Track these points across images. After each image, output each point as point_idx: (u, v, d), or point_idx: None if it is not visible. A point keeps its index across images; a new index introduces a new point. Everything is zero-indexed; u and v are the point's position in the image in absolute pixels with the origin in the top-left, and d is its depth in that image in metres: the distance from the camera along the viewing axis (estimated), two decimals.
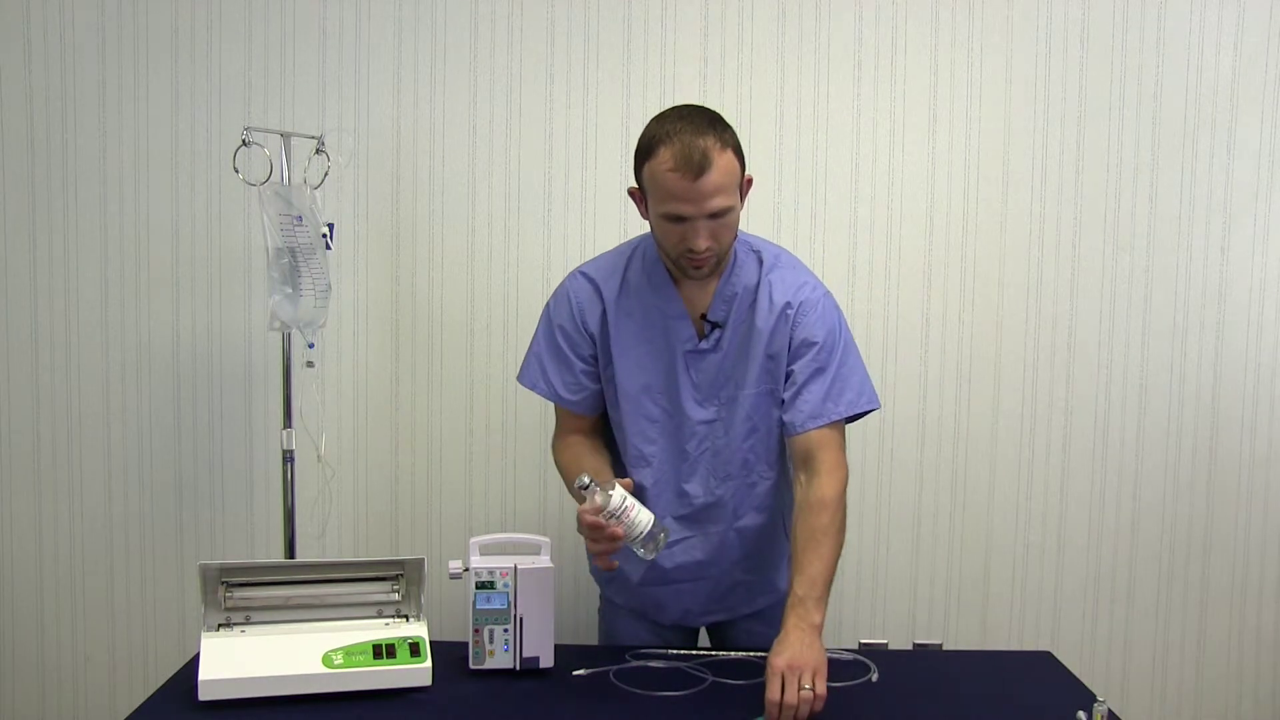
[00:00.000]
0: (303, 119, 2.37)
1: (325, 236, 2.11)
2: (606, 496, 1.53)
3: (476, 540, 1.71)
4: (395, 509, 2.47)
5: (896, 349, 2.43)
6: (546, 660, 1.68)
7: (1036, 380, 2.44)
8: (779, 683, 1.46)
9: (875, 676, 1.66)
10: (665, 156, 1.55)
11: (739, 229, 1.71)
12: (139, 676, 2.48)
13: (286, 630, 1.62)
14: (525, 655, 1.66)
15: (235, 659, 1.56)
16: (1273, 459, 2.47)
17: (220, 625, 1.62)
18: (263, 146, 2.10)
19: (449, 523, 2.47)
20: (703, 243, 1.60)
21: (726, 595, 1.85)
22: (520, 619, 1.66)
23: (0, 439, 2.45)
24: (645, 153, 1.59)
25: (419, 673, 1.60)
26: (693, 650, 1.80)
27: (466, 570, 1.68)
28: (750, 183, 1.65)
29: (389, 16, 2.37)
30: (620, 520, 1.53)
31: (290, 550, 2.22)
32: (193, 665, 1.63)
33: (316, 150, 2.19)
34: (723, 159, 1.55)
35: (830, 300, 1.74)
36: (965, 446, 2.45)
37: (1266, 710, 2.52)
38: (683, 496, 1.77)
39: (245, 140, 2.07)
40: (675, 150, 1.54)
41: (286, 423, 2.20)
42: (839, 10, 2.36)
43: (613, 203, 2.39)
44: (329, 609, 1.67)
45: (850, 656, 1.73)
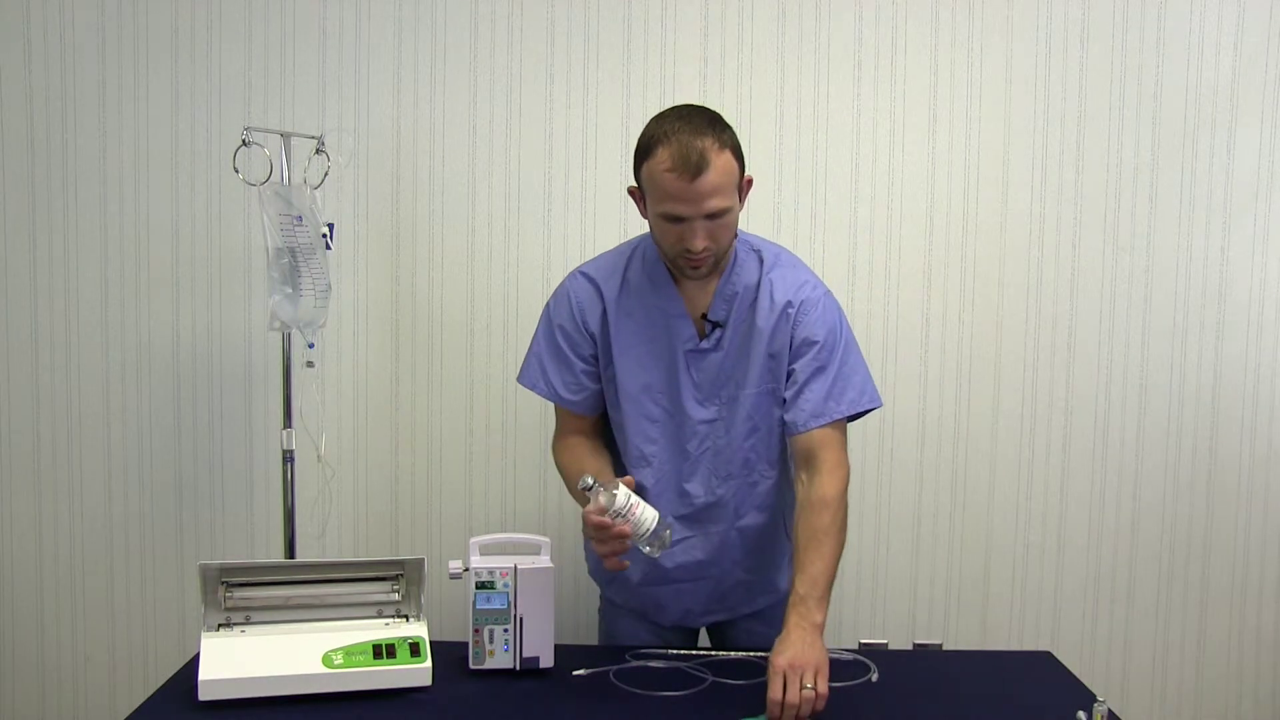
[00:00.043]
0: (303, 119, 2.37)
1: (325, 236, 2.11)
2: (611, 496, 1.52)
3: (476, 540, 1.71)
4: (395, 509, 2.47)
5: (896, 349, 2.43)
6: (546, 660, 1.68)
7: (1036, 380, 2.45)
8: (780, 682, 1.46)
9: (875, 676, 1.66)
10: (663, 157, 1.55)
11: (739, 228, 1.72)
12: (139, 676, 2.48)
13: (286, 630, 1.62)
14: (525, 655, 1.66)
15: (235, 659, 1.56)
16: (1273, 459, 2.47)
17: (220, 625, 1.63)
18: (263, 146, 2.10)
19: (449, 523, 2.47)
20: (700, 243, 1.60)
21: (727, 595, 1.85)
22: (520, 619, 1.66)
23: (0, 439, 2.45)
24: (644, 152, 1.60)
25: (419, 673, 1.60)
26: (693, 650, 1.80)
27: (466, 570, 1.68)
28: (750, 183, 1.65)
29: (389, 16, 2.37)
30: (626, 519, 1.52)
31: (290, 550, 2.22)
32: (193, 665, 1.63)
33: (316, 150, 2.19)
34: (720, 160, 1.55)
35: (831, 299, 1.74)
36: (965, 446, 2.45)
37: (1266, 710, 2.52)
38: (684, 496, 1.77)
39: (245, 140, 2.07)
40: (673, 150, 1.54)
41: (286, 423, 2.20)
42: (839, 10, 2.37)
43: (613, 203, 2.39)
44: (329, 609, 1.67)
45: (850, 656, 1.73)
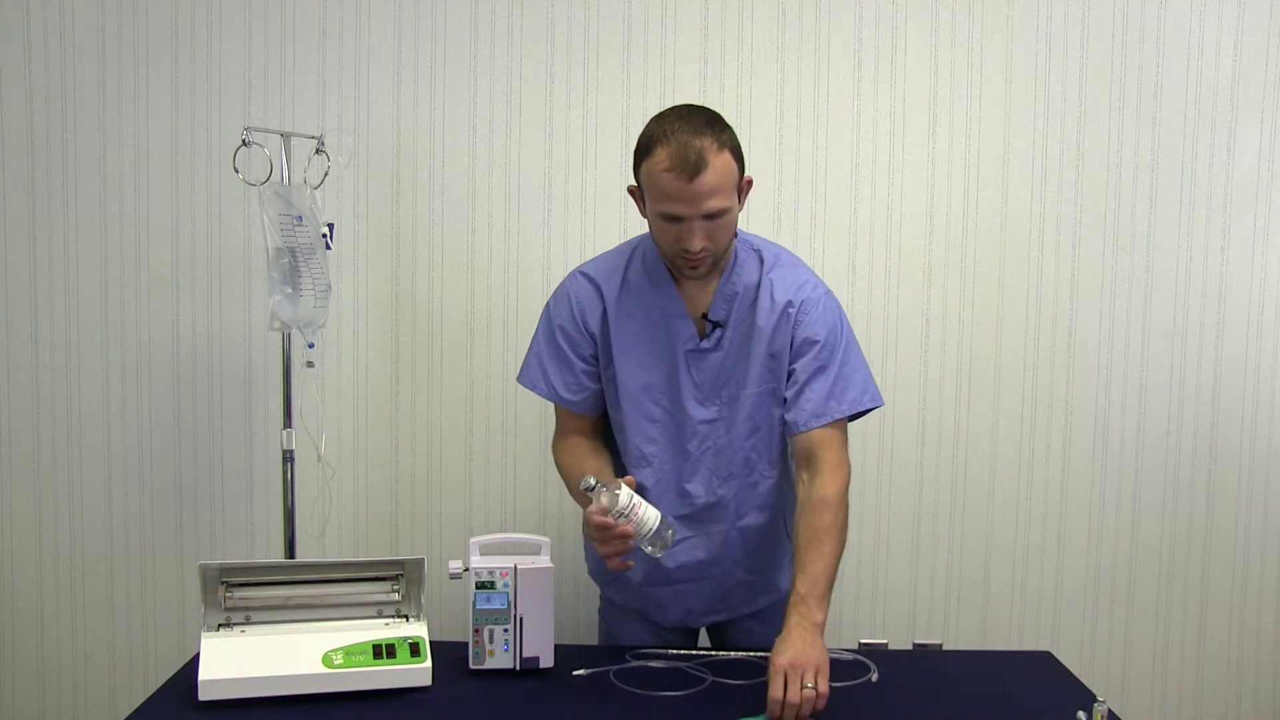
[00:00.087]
0: (303, 119, 2.37)
1: (325, 236, 2.11)
2: (614, 496, 1.52)
3: (476, 540, 1.71)
4: (395, 509, 2.47)
5: (896, 349, 2.43)
6: (546, 660, 1.68)
7: (1036, 380, 2.44)
8: (781, 681, 1.46)
9: (875, 676, 1.66)
10: (661, 156, 1.55)
11: (739, 228, 1.72)
12: (139, 676, 2.48)
13: (286, 630, 1.63)
14: (525, 655, 1.66)
15: (235, 659, 1.56)
16: (1273, 459, 2.47)
17: (220, 625, 1.63)
18: (263, 146, 2.10)
19: (449, 523, 2.46)
20: (698, 243, 1.59)
21: (728, 595, 1.84)
22: (520, 619, 1.66)
23: (0, 439, 2.45)
24: (643, 152, 1.60)
25: (419, 673, 1.60)
26: (693, 650, 1.80)
27: (466, 570, 1.68)
28: (750, 184, 1.65)
29: (389, 16, 2.37)
30: (629, 518, 1.52)
31: (290, 550, 2.22)
32: (193, 665, 1.63)
33: (316, 150, 2.19)
34: (719, 160, 1.55)
35: (831, 298, 1.74)
36: (965, 446, 2.45)
37: (1266, 710, 2.52)
38: (684, 496, 1.77)
39: (245, 140, 2.07)
40: (671, 150, 1.54)
41: (286, 423, 2.20)
42: (839, 10, 2.37)
43: (613, 203, 2.39)
44: (329, 609, 1.67)
45: (850, 656, 1.73)
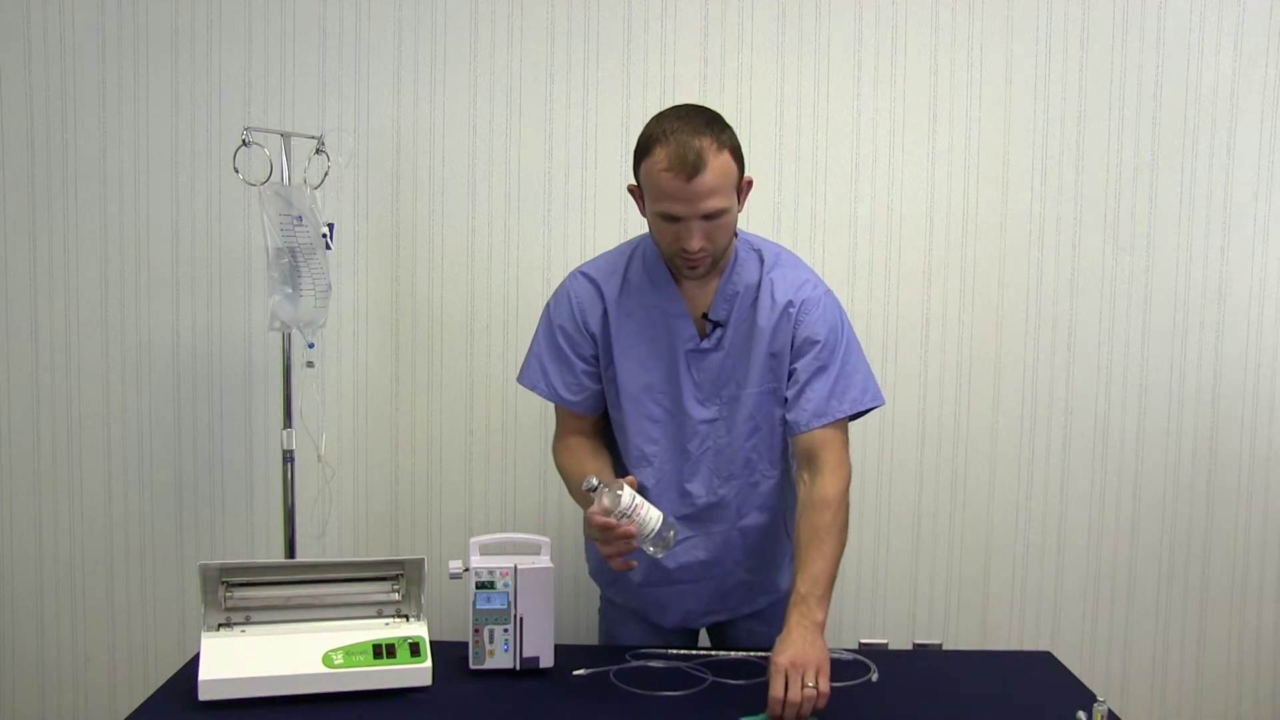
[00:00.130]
0: (303, 119, 2.37)
1: (325, 236, 2.11)
2: (615, 497, 1.52)
3: (476, 540, 1.71)
4: (395, 509, 2.47)
5: (896, 349, 2.43)
6: (546, 660, 1.68)
7: (1036, 380, 2.44)
8: (782, 680, 1.46)
9: (875, 676, 1.66)
10: (660, 156, 1.55)
11: (739, 228, 1.72)
12: (139, 676, 2.48)
13: (286, 630, 1.63)
14: (525, 655, 1.66)
15: (235, 659, 1.56)
16: (1273, 459, 2.47)
17: (220, 625, 1.63)
18: (263, 146, 2.10)
19: (449, 523, 2.46)
20: (696, 243, 1.59)
21: (729, 595, 1.84)
22: (520, 619, 1.66)
23: (0, 439, 2.45)
24: (643, 151, 1.60)
25: (419, 673, 1.60)
26: (693, 650, 1.80)
27: (466, 570, 1.67)
28: (750, 184, 1.65)
29: (389, 16, 2.37)
30: (631, 519, 1.52)
31: (290, 550, 2.22)
32: (193, 665, 1.63)
33: (316, 150, 2.19)
34: (718, 160, 1.55)
35: (832, 298, 1.74)
36: (965, 446, 2.45)
37: (1266, 710, 2.52)
38: (685, 496, 1.77)
39: (245, 140, 2.07)
40: (670, 150, 1.54)
41: (286, 423, 2.20)
42: (839, 10, 2.37)
43: (613, 203, 2.39)
44: (329, 609, 1.67)
45: (850, 656, 1.73)
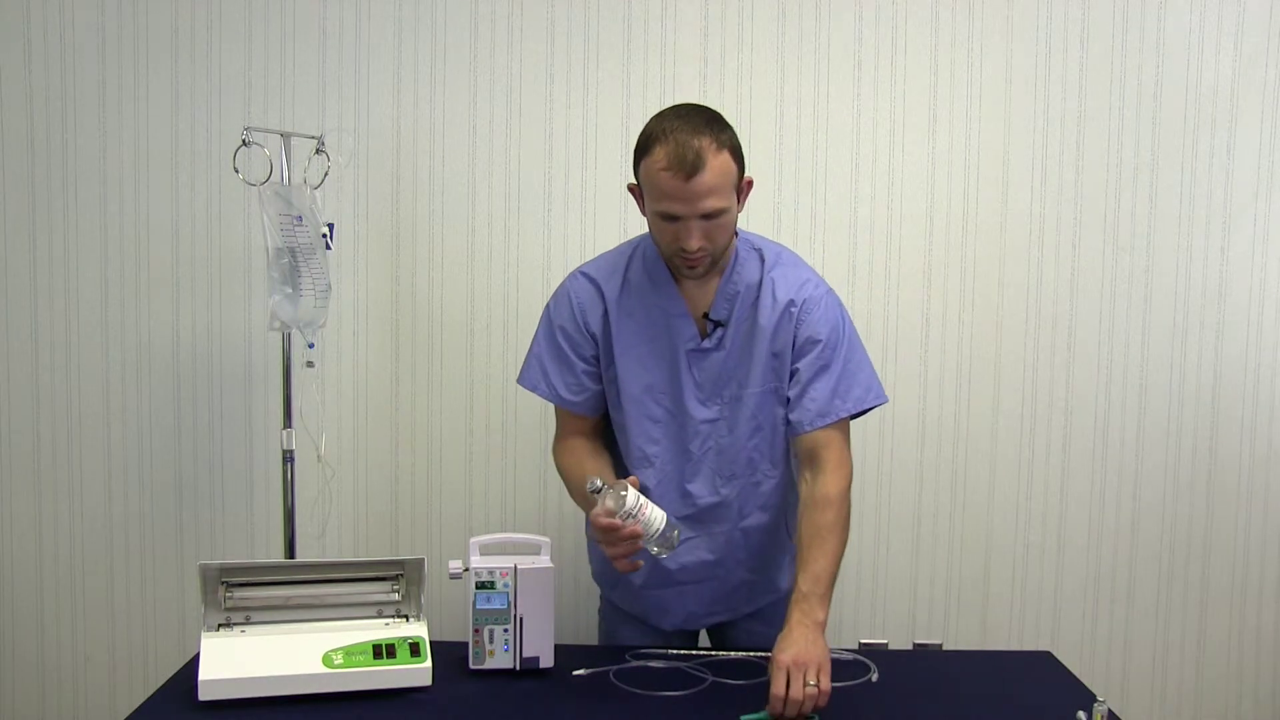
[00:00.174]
0: (303, 119, 2.37)
1: (325, 236, 2.11)
2: (620, 498, 1.51)
3: (476, 540, 1.71)
4: (395, 509, 2.47)
5: (896, 349, 2.43)
6: (546, 660, 1.68)
7: (1036, 380, 2.44)
8: (784, 678, 1.46)
9: (875, 676, 1.66)
10: (659, 155, 1.55)
11: (739, 228, 1.72)
12: (139, 676, 2.48)
13: (286, 630, 1.63)
14: (525, 655, 1.66)
15: (235, 659, 1.56)
16: (1273, 459, 2.47)
17: (220, 625, 1.63)
18: (263, 146, 2.10)
19: (449, 523, 2.46)
20: (695, 243, 1.59)
21: (730, 595, 1.84)
22: (520, 619, 1.66)
23: (0, 439, 2.45)
24: (642, 150, 1.60)
25: (419, 673, 1.60)
26: (693, 650, 1.80)
27: (466, 570, 1.67)
28: (750, 184, 1.65)
29: (389, 16, 2.37)
30: (636, 519, 1.52)
31: (290, 550, 2.22)
32: (193, 665, 1.63)
33: (316, 150, 2.19)
34: (717, 160, 1.55)
35: (833, 297, 1.74)
36: (965, 446, 2.45)
37: (1266, 710, 2.52)
38: (686, 497, 1.76)
39: (245, 140, 2.07)
40: (669, 149, 1.54)
41: (286, 423, 2.20)
42: (839, 10, 2.37)
43: (613, 203, 2.39)
44: (329, 609, 1.67)
45: (850, 656, 1.73)
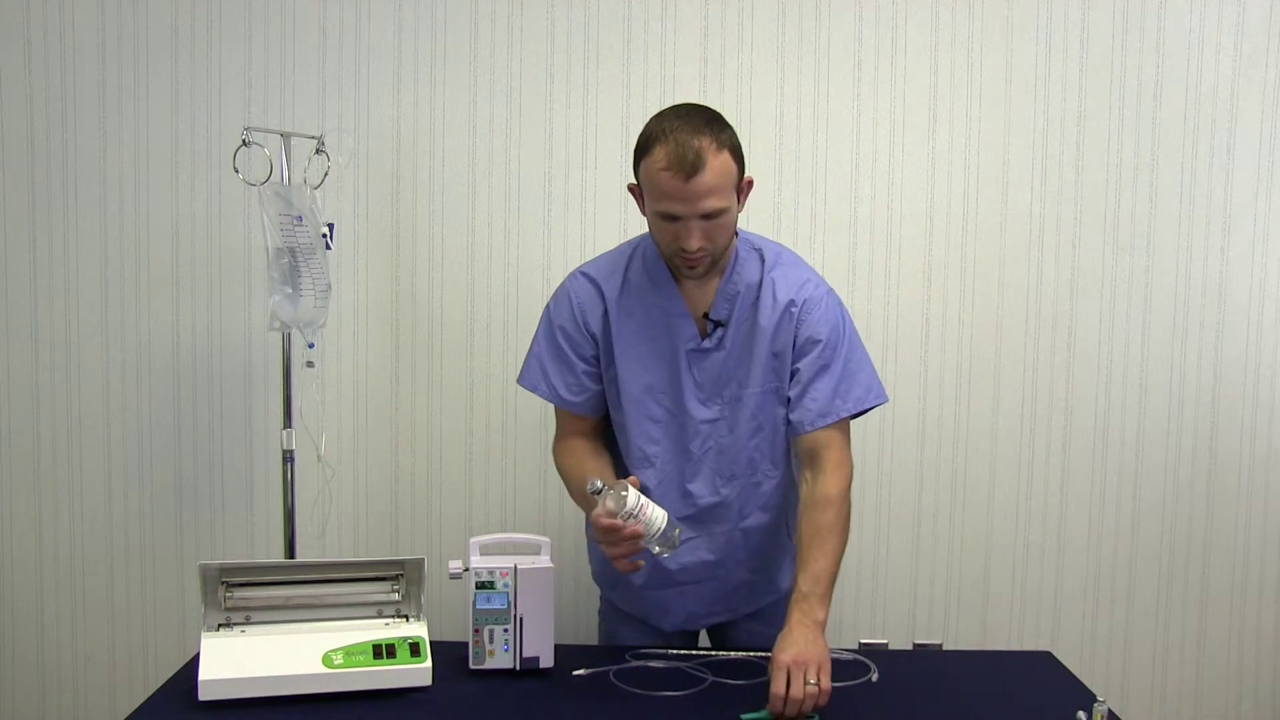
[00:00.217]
0: (303, 119, 2.37)
1: (325, 236, 2.11)
2: (620, 498, 1.51)
3: (476, 540, 1.71)
4: (395, 509, 2.47)
5: (896, 349, 2.43)
6: (546, 660, 1.68)
7: (1036, 380, 2.44)
8: (784, 677, 1.46)
9: (875, 676, 1.66)
10: (659, 155, 1.55)
11: (739, 228, 1.72)
12: (139, 676, 2.48)
13: (286, 630, 1.62)
14: (525, 655, 1.66)
15: (235, 659, 1.56)
16: (1273, 459, 2.47)
17: (220, 625, 1.62)
18: (263, 146, 2.10)
19: (449, 523, 2.46)
20: (694, 243, 1.59)
21: (731, 596, 1.84)
22: (520, 619, 1.66)
23: (0, 439, 2.45)
24: (642, 150, 1.60)
25: (419, 673, 1.60)
26: (693, 650, 1.80)
27: (466, 570, 1.67)
28: (750, 185, 1.65)
29: (389, 16, 2.37)
30: (638, 519, 1.51)
31: (290, 550, 2.22)
32: (193, 665, 1.63)
33: (316, 150, 2.19)
34: (717, 160, 1.55)
35: (833, 297, 1.74)
36: (965, 446, 2.45)
37: (1266, 710, 2.52)
38: (687, 497, 1.76)
39: (245, 140, 2.07)
40: (669, 149, 1.54)
41: (286, 423, 2.20)
42: (839, 10, 2.37)
43: (613, 203, 2.39)
44: (329, 609, 1.67)
45: (850, 656, 1.73)
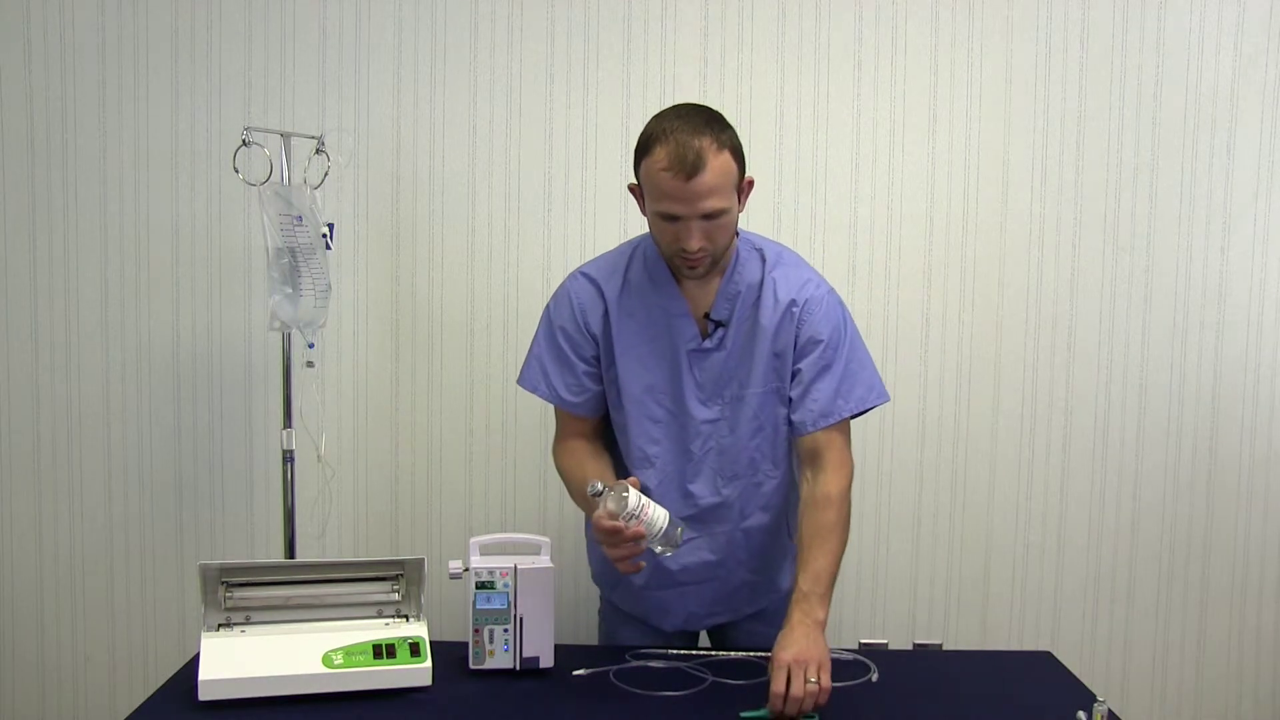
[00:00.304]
0: (303, 119, 2.37)
1: (325, 236, 2.11)
2: (621, 499, 1.51)
3: (476, 540, 1.71)
4: (395, 509, 2.47)
5: (896, 349, 2.43)
6: (546, 660, 1.68)
7: (1036, 380, 2.44)
8: (784, 675, 1.46)
9: (875, 676, 1.66)
10: (660, 155, 1.55)
11: (740, 228, 1.72)
12: (139, 676, 2.48)
13: (286, 630, 1.63)
14: (525, 655, 1.67)
15: (235, 659, 1.56)
16: (1273, 459, 2.47)
17: (220, 625, 1.63)
18: (263, 146, 2.10)
19: (449, 523, 2.46)
20: (695, 243, 1.59)
21: (732, 596, 1.84)
22: (520, 619, 1.66)
23: (0, 439, 2.45)
24: (643, 150, 1.60)
25: (419, 673, 1.60)
26: (693, 650, 1.80)
27: (466, 570, 1.68)
28: (751, 185, 1.65)
29: (389, 16, 2.37)
30: (639, 519, 1.52)
31: (290, 550, 2.22)
32: (193, 665, 1.63)
33: (316, 150, 2.19)
34: (718, 160, 1.55)
35: (834, 297, 1.74)
36: (965, 446, 2.45)
37: (1266, 710, 2.52)
38: (688, 497, 1.76)
39: (245, 140, 2.07)
40: (670, 149, 1.54)
41: (286, 423, 2.20)
42: (839, 10, 2.36)
43: (613, 203, 2.39)
44: (329, 609, 1.67)
45: (850, 656, 1.73)
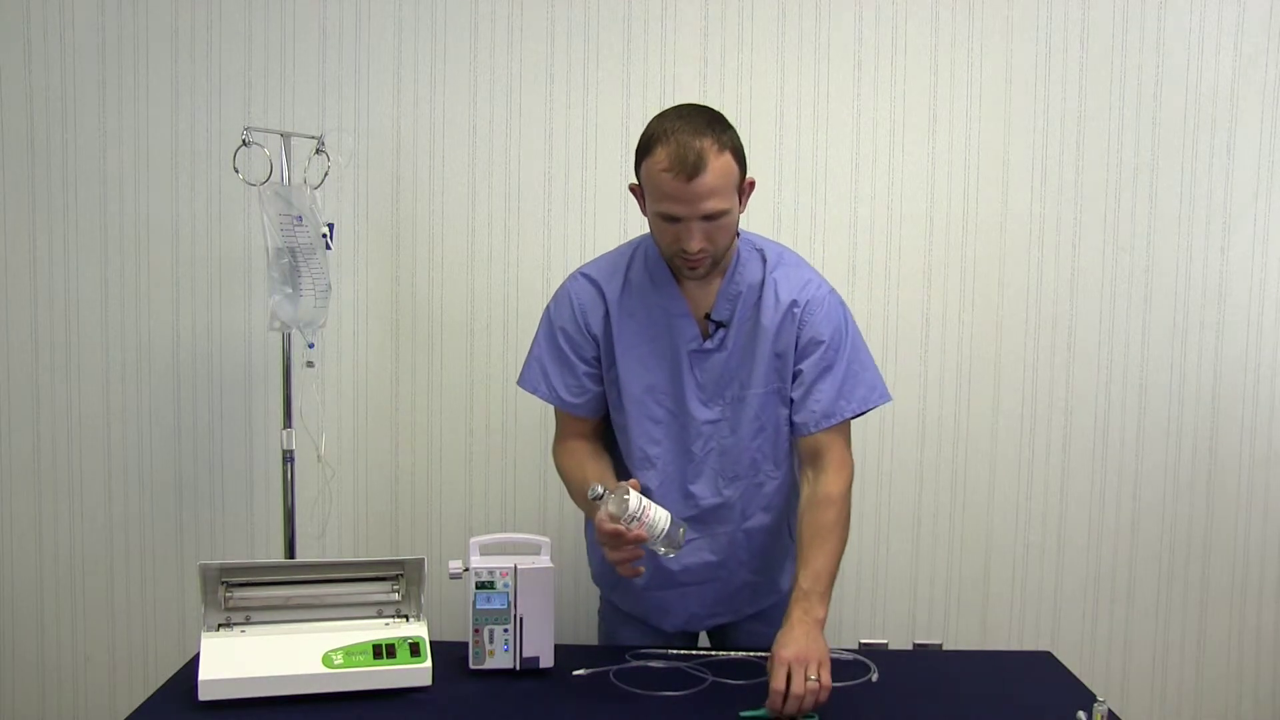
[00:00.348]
0: (303, 119, 2.37)
1: (325, 236, 2.11)
2: (622, 502, 1.51)
3: (476, 540, 1.71)
4: (395, 509, 2.47)
5: (896, 349, 2.43)
6: (546, 660, 1.68)
7: (1036, 380, 2.44)
8: (784, 673, 1.46)
9: (875, 676, 1.66)
10: (661, 156, 1.55)
11: (741, 228, 1.72)
12: (139, 676, 2.48)
13: (286, 630, 1.63)
14: (525, 655, 1.67)
15: (235, 659, 1.56)
16: (1273, 459, 2.47)
17: (220, 625, 1.63)
18: (263, 146, 2.10)
19: (449, 523, 2.46)
20: (695, 244, 1.59)
21: (733, 597, 1.84)
22: (520, 619, 1.66)
23: (0, 439, 2.45)
24: (644, 150, 1.59)
25: (419, 673, 1.60)
26: (693, 650, 1.80)
27: (466, 570, 1.68)
28: (752, 185, 1.65)
29: (389, 16, 2.37)
30: (641, 521, 1.51)
31: (290, 550, 2.22)
32: (193, 665, 1.63)
33: (316, 150, 2.19)
34: (719, 161, 1.55)
35: (835, 297, 1.74)
36: (965, 446, 2.45)
37: (1266, 710, 2.52)
38: (689, 498, 1.76)
39: (245, 140, 2.07)
40: (670, 150, 1.54)
41: (286, 423, 2.20)
42: (839, 10, 2.37)
43: (613, 203, 2.39)
44: (329, 609, 1.67)
45: (850, 656, 1.73)
